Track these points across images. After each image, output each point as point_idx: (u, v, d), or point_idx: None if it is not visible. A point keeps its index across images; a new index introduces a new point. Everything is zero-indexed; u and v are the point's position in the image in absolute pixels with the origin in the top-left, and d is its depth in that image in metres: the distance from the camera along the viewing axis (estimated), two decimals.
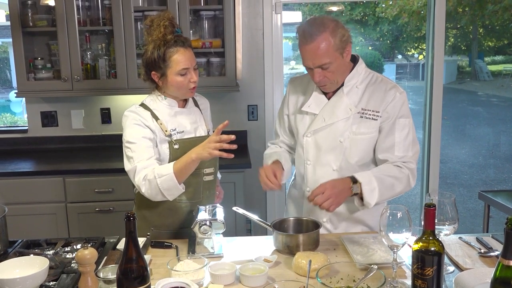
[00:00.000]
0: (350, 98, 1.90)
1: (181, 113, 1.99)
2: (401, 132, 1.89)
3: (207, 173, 2.04)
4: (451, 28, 10.93)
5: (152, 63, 1.89)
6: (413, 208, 5.19)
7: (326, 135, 1.93)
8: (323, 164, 1.95)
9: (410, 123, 1.92)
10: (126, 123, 1.90)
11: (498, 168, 7.38)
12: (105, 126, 3.57)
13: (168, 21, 1.88)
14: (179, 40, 1.89)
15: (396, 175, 1.87)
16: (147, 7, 3.29)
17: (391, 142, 1.89)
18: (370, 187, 1.81)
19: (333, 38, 1.76)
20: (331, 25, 1.77)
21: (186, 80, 1.90)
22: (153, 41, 1.88)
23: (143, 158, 1.83)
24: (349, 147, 1.91)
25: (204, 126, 2.08)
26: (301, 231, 1.82)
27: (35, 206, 3.01)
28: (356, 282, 1.44)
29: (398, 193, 1.89)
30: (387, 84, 1.92)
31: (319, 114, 1.94)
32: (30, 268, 1.47)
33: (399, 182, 1.87)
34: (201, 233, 1.76)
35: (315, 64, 1.80)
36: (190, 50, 1.92)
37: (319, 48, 1.76)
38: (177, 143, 1.94)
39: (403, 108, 1.89)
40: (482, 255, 1.69)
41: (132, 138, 1.86)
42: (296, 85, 2.08)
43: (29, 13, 3.18)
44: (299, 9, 7.52)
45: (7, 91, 8.07)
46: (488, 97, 12.33)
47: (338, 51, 1.79)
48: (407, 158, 1.89)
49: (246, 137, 3.60)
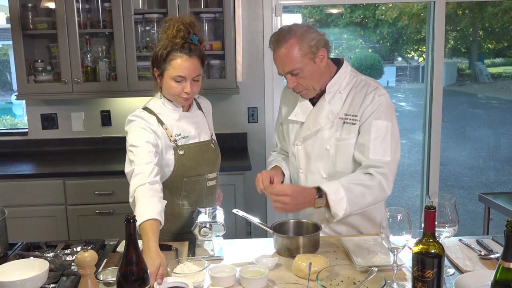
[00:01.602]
0: (333, 104, 1.87)
1: (186, 117, 1.96)
2: (376, 133, 1.80)
3: (210, 178, 2.02)
4: (451, 31, 10.93)
5: (155, 60, 1.87)
6: (413, 210, 5.18)
7: (313, 143, 1.92)
8: (313, 172, 1.94)
9: (390, 128, 1.81)
10: (131, 128, 1.86)
11: (498, 170, 7.37)
12: (105, 128, 3.57)
13: (183, 25, 1.84)
14: (187, 46, 1.83)
15: (366, 183, 1.78)
16: (147, 9, 3.30)
17: (365, 143, 1.81)
18: (337, 197, 1.74)
19: (300, 43, 1.74)
20: (299, 31, 1.76)
21: (179, 88, 1.85)
22: (164, 39, 1.86)
23: (142, 162, 1.76)
24: (334, 154, 1.88)
25: (207, 130, 2.05)
26: (301, 234, 1.82)
27: (35, 208, 3.01)
28: (356, 284, 1.44)
29: (369, 202, 1.80)
30: (368, 87, 1.86)
31: (305, 122, 1.93)
32: (30, 270, 1.47)
33: (370, 190, 1.78)
34: (201, 236, 1.75)
35: (284, 71, 1.79)
36: (196, 60, 1.85)
37: (286, 54, 1.75)
38: (182, 148, 1.91)
39: (381, 110, 1.81)
40: (482, 257, 1.68)
41: (136, 141, 1.81)
42: (287, 94, 2.05)
43: (30, 16, 3.19)
44: (299, 12, 7.53)
45: (7, 93, 8.07)
46: (488, 99, 12.31)
47: (307, 56, 1.76)
48: (383, 163, 1.79)
49: (246, 139, 3.60)
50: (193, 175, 1.95)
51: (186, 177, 1.93)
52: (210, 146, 2.03)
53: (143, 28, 3.28)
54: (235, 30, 3.26)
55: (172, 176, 1.91)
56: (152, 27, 3.28)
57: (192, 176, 1.95)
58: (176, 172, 1.91)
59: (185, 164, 1.92)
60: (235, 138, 3.59)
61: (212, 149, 2.03)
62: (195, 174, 1.96)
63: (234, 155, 2.39)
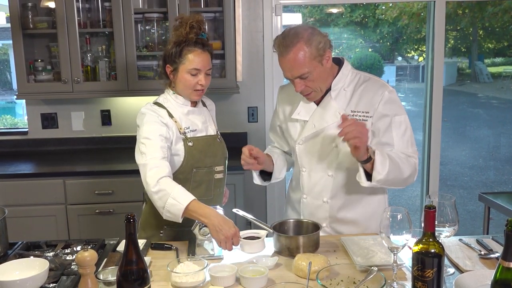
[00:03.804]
0: (338, 102, 1.88)
1: (193, 112, 2.03)
2: (398, 129, 1.85)
3: (217, 171, 2.08)
4: (451, 30, 10.92)
5: (169, 57, 1.95)
6: (413, 210, 5.18)
7: (318, 141, 1.91)
8: (318, 170, 1.94)
9: (406, 120, 1.88)
10: (143, 120, 1.92)
11: (498, 170, 7.37)
12: (105, 128, 3.57)
13: (196, 23, 1.94)
14: (200, 42, 1.94)
15: (405, 160, 1.82)
16: (147, 9, 3.30)
17: (389, 141, 1.85)
18: (383, 157, 1.73)
19: (308, 47, 1.74)
20: (306, 34, 1.75)
21: (194, 81, 1.94)
22: (177, 36, 1.94)
23: (157, 156, 1.83)
24: (342, 152, 1.87)
25: (213, 126, 2.13)
26: (301, 233, 1.82)
27: (35, 208, 3.01)
28: (356, 284, 1.44)
29: (404, 178, 1.81)
30: (376, 83, 1.89)
31: (309, 121, 1.92)
32: (30, 270, 1.47)
33: (408, 166, 1.81)
34: (201, 235, 1.76)
35: (294, 75, 1.78)
36: (208, 54, 1.96)
37: (295, 59, 1.74)
38: (191, 140, 1.98)
39: (395, 106, 1.86)
40: (482, 257, 1.68)
41: (149, 134, 1.87)
42: (285, 94, 2.06)
43: (30, 15, 3.19)
44: (299, 11, 7.53)
45: (7, 93, 8.06)
46: (488, 99, 12.31)
47: (315, 59, 1.76)
48: (408, 153, 1.85)
49: (246, 139, 3.60)
50: (202, 166, 2.01)
51: (195, 167, 1.99)
52: (216, 140, 2.10)
53: (143, 27, 3.28)
54: (235, 30, 3.26)
55: (182, 166, 1.97)
56: (152, 26, 3.28)
57: (200, 167, 2.01)
58: (186, 162, 1.97)
59: (194, 155, 1.98)
60: (235, 137, 3.58)
61: (218, 143, 2.11)
62: (203, 166, 2.02)
63: (234, 155, 2.37)
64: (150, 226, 2.05)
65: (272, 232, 1.78)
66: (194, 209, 1.73)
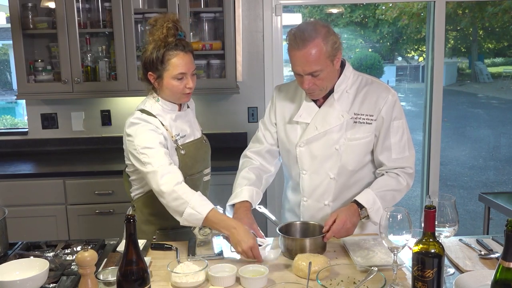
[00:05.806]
0: (341, 104, 1.86)
1: (180, 117, 1.97)
2: (396, 135, 1.87)
3: (206, 173, 2.07)
4: (451, 30, 10.92)
5: (150, 64, 1.85)
6: (413, 210, 5.18)
7: (320, 143, 1.89)
8: (319, 173, 1.91)
9: (404, 124, 1.90)
10: (137, 130, 1.83)
11: (498, 170, 7.37)
12: (105, 128, 3.57)
13: (172, 23, 1.84)
14: (180, 43, 1.85)
15: (396, 187, 1.87)
16: (148, 9, 3.30)
17: (387, 145, 1.87)
18: (375, 208, 1.81)
19: (325, 45, 1.71)
20: (323, 31, 1.72)
21: (182, 85, 1.87)
22: (154, 41, 1.84)
23: (164, 163, 1.77)
24: (345, 154, 1.87)
25: (198, 127, 2.09)
26: (307, 236, 1.80)
27: (35, 208, 3.01)
28: (356, 284, 1.44)
29: (398, 200, 1.92)
30: (379, 86, 1.88)
31: (311, 123, 1.89)
32: (30, 270, 1.47)
33: (400, 193, 1.89)
34: (201, 235, 1.76)
35: (306, 71, 1.74)
36: (190, 55, 1.88)
37: (311, 55, 1.70)
38: (183, 148, 1.93)
39: (395, 110, 1.87)
40: (483, 257, 1.68)
41: (149, 143, 1.80)
42: (283, 93, 2.01)
43: (30, 16, 3.19)
44: (299, 11, 7.53)
45: (7, 93, 8.06)
46: (488, 99, 12.31)
47: (329, 58, 1.74)
48: (405, 160, 1.88)
49: (246, 139, 3.60)
50: (194, 173, 1.99)
51: (188, 175, 1.94)
52: (202, 142, 2.07)
53: (143, 27, 3.28)
54: (235, 30, 3.26)
55: None
56: None
57: (193, 174, 1.98)
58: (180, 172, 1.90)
59: (187, 163, 1.93)
60: (235, 137, 3.59)
61: (204, 145, 2.07)
62: (196, 172, 1.99)
63: (234, 155, 2.38)
64: (141, 233, 1.95)
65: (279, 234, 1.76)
66: (214, 220, 1.70)
